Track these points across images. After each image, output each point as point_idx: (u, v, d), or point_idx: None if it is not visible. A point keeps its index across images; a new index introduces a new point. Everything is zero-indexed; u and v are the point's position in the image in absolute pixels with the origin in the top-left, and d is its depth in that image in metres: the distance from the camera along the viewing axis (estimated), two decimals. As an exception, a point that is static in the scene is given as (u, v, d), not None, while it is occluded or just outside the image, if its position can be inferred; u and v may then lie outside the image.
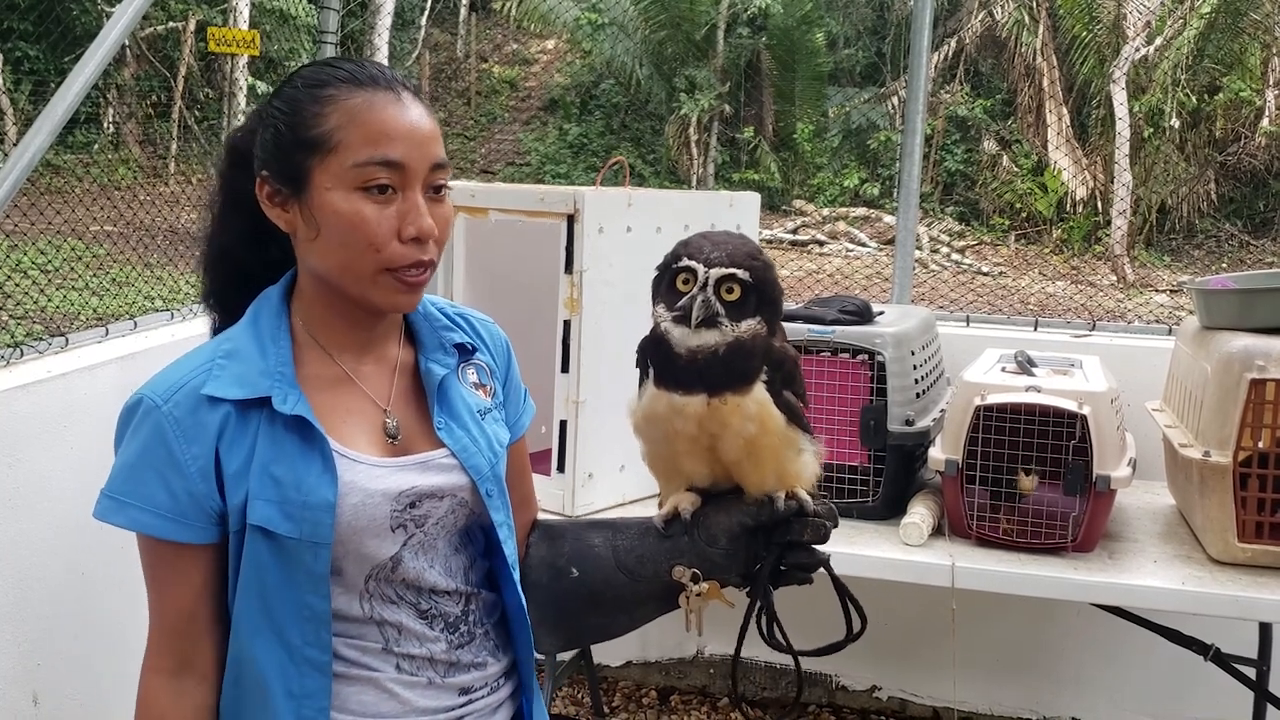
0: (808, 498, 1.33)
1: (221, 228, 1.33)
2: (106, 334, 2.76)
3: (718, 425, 1.27)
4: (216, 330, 1.35)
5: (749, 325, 1.28)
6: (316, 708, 1.23)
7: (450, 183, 1.29)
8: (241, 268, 1.32)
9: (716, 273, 1.26)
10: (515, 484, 1.44)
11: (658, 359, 1.30)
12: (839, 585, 1.39)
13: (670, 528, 1.36)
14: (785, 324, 2.63)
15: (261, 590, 1.22)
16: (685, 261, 1.28)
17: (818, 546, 1.34)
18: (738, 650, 1.39)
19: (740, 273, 1.27)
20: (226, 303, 1.34)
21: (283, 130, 1.23)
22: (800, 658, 1.40)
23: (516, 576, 1.37)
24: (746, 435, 1.27)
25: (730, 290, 1.27)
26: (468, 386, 1.37)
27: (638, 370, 1.36)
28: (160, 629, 1.25)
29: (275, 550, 1.21)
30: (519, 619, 1.37)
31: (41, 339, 2.66)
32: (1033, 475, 2.35)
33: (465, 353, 1.39)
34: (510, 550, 1.37)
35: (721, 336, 1.26)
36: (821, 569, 1.36)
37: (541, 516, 1.54)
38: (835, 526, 1.35)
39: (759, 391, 1.28)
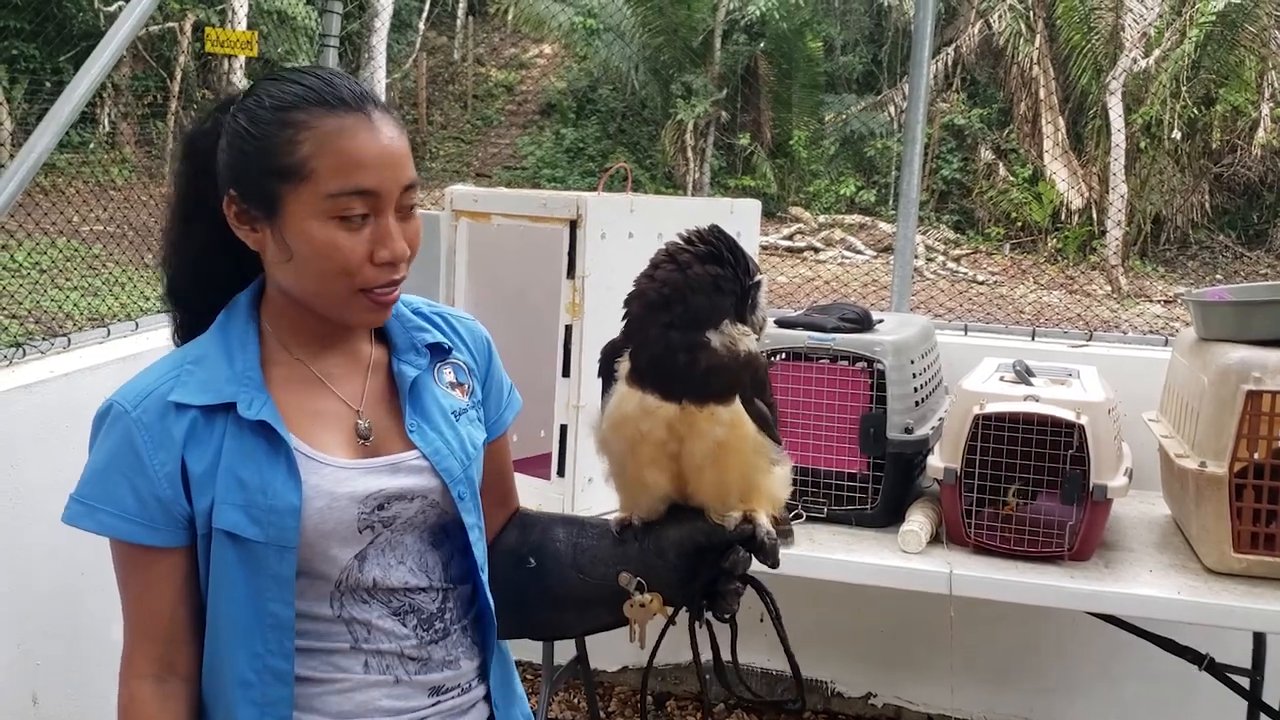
0: (764, 525, 1.27)
1: (185, 227, 1.31)
2: (108, 334, 2.77)
3: (686, 427, 1.23)
4: (179, 328, 1.34)
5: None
6: (278, 717, 1.23)
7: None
8: (212, 269, 1.31)
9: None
10: (495, 481, 1.44)
11: (650, 363, 1.24)
12: (788, 651, 1.36)
13: (624, 533, 1.34)
14: (786, 330, 2.66)
15: (227, 597, 1.21)
16: (759, 276, 1.28)
17: (762, 575, 1.30)
18: (649, 665, 1.39)
19: None
20: (188, 301, 1.33)
21: (250, 154, 1.21)
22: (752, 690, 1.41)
23: (485, 579, 1.37)
24: (715, 438, 1.23)
25: None
26: (444, 387, 1.36)
27: (600, 379, 1.33)
28: (139, 634, 1.24)
29: (241, 555, 1.20)
30: (488, 621, 1.37)
31: (43, 339, 2.66)
32: (1014, 495, 2.37)
33: (441, 352, 1.38)
34: (480, 553, 1.36)
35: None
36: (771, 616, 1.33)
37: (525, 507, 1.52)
38: (771, 565, 1.29)
39: (735, 401, 1.25)
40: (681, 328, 1.24)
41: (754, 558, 1.28)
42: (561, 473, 2.44)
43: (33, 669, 2.34)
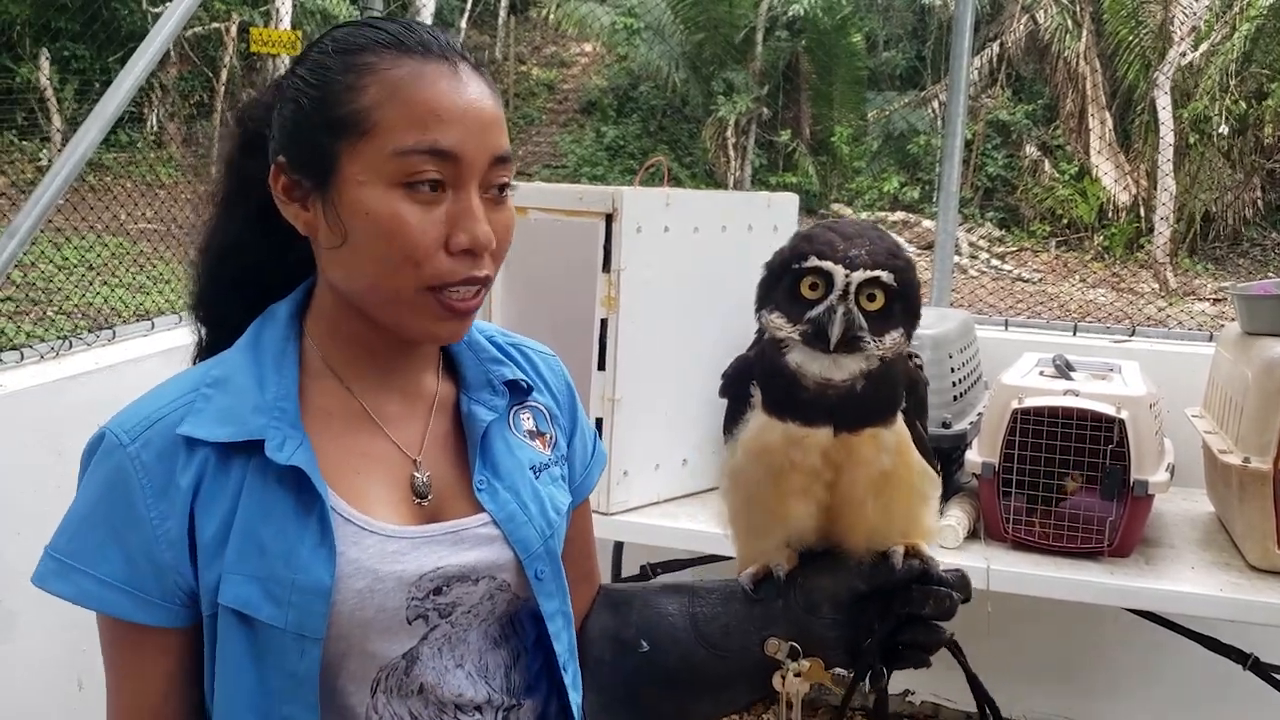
0: (933, 558, 1.08)
1: (227, 223, 1.07)
2: (153, 327, 2.82)
3: (844, 454, 1.03)
4: (202, 349, 1.10)
5: (893, 340, 1.03)
6: None
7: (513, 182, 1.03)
8: (248, 273, 1.06)
9: (859, 277, 1.00)
10: (576, 558, 1.17)
11: (771, 384, 1.04)
12: (973, 680, 1.17)
13: (760, 590, 1.10)
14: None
15: (233, 692, 0.95)
16: (815, 262, 1.01)
17: (941, 622, 1.07)
18: None
19: (885, 275, 1.01)
20: (224, 315, 1.07)
21: (305, 106, 0.97)
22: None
23: (570, 678, 1.10)
24: (881, 468, 1.04)
25: (872, 298, 1.01)
26: (521, 435, 1.10)
27: (726, 399, 1.11)
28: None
29: (251, 641, 0.94)
30: None
31: (89, 331, 2.72)
32: (1076, 478, 2.34)
33: (519, 392, 1.12)
34: (563, 646, 1.09)
35: (866, 361, 1.02)
36: (949, 652, 1.11)
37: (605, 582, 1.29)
38: (966, 600, 1.07)
39: (898, 422, 1.06)
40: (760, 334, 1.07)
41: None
42: (597, 466, 2.45)
43: (78, 655, 2.38)
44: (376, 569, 0.97)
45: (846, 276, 1.00)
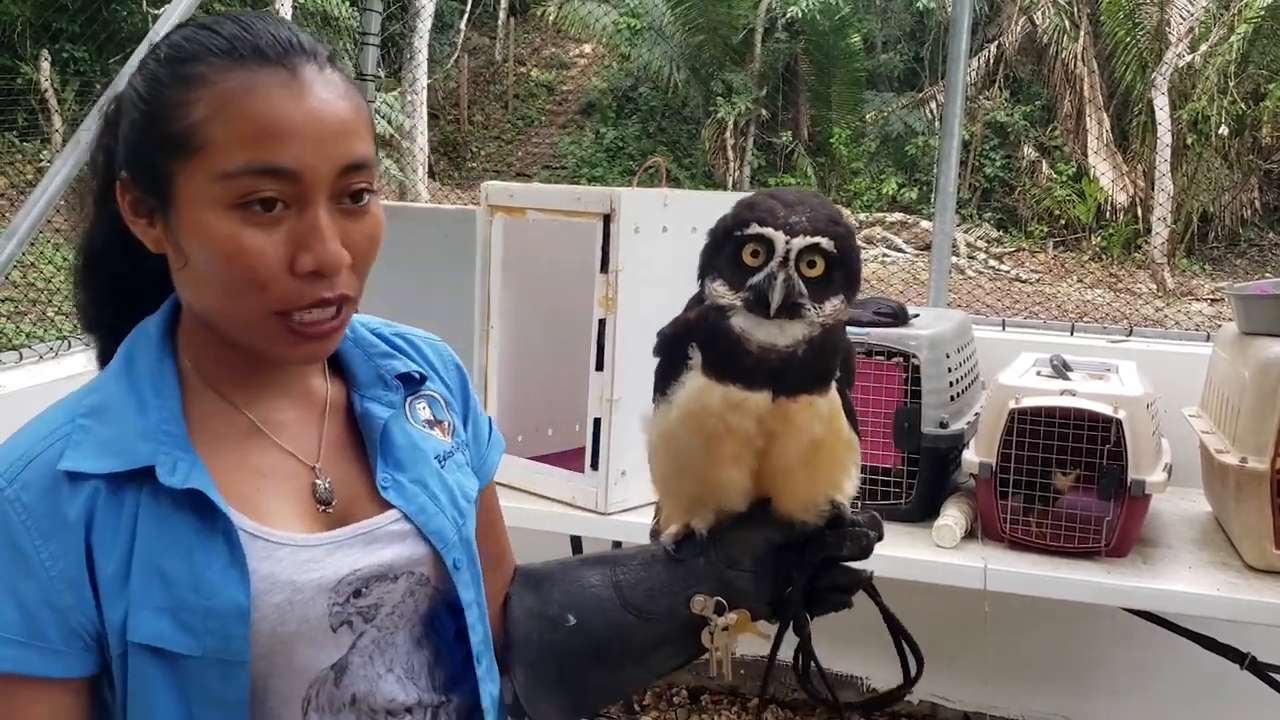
0: (844, 503, 1.10)
1: (98, 223, 1.00)
2: (151, 328, 2.83)
3: (780, 422, 1.04)
4: (104, 361, 1.04)
5: (833, 307, 1.03)
6: None
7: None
8: (125, 278, 1.01)
9: (799, 243, 1.00)
10: (485, 538, 1.15)
11: (713, 347, 1.05)
12: (889, 618, 1.20)
13: (682, 549, 1.11)
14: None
15: None
16: (756, 229, 1.01)
17: (858, 564, 1.10)
18: (764, 687, 1.24)
19: (825, 242, 1.00)
20: (109, 324, 1.03)
21: (138, 121, 0.91)
22: (841, 699, 1.21)
23: (483, 670, 1.08)
24: (813, 436, 1.05)
25: (812, 264, 1.01)
26: (419, 425, 1.08)
27: (659, 359, 1.13)
28: None
29: (171, 676, 0.89)
30: None
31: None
32: (1068, 474, 2.34)
33: (412, 383, 1.09)
34: (478, 638, 1.07)
35: (807, 328, 1.02)
36: (866, 594, 1.13)
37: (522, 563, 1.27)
38: (880, 538, 1.10)
39: (831, 390, 1.07)
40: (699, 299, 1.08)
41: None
42: (595, 466, 2.45)
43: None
44: (294, 579, 0.93)
45: (787, 243, 1.00)
